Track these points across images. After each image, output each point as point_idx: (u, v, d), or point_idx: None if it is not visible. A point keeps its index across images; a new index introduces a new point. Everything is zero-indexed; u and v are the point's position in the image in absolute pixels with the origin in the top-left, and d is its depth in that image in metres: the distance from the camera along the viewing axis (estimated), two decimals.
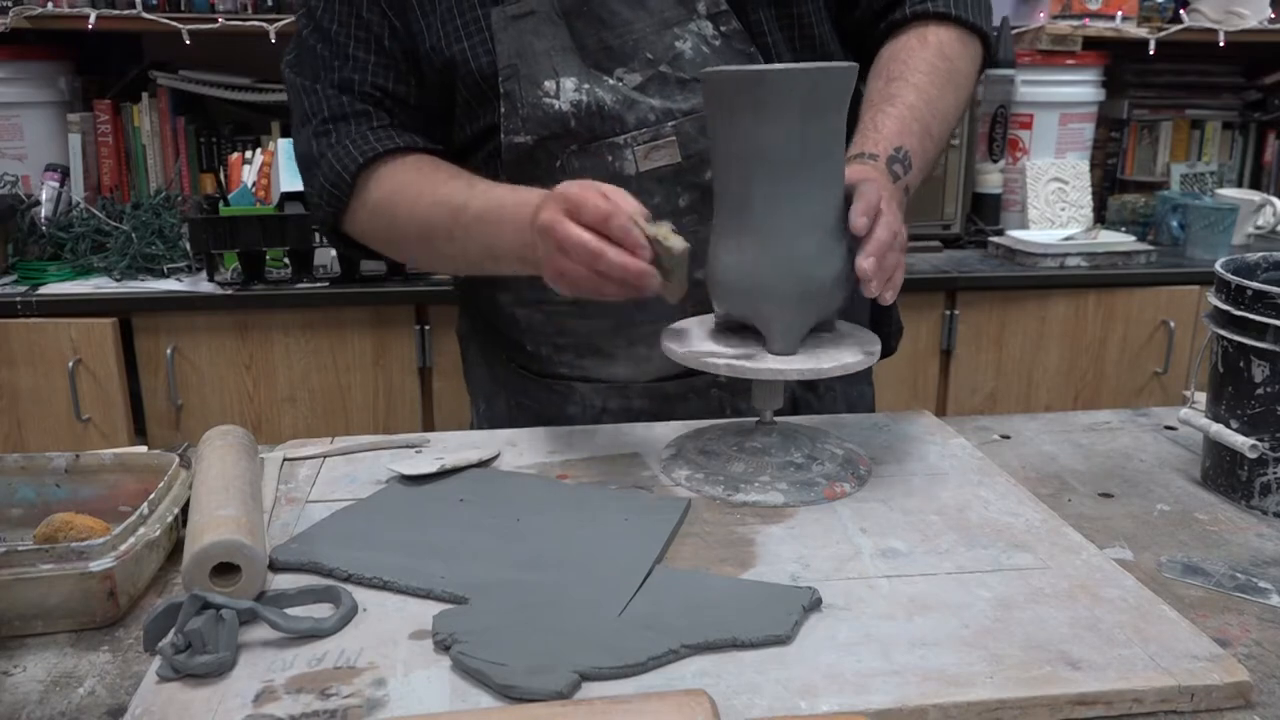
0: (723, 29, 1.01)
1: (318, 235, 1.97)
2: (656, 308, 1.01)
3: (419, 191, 1.01)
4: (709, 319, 0.97)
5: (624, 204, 0.83)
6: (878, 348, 0.90)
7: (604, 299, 0.86)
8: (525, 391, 1.12)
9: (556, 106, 0.99)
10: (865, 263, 0.82)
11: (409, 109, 1.05)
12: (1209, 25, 2.48)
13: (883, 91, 1.00)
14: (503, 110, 1.00)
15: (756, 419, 0.94)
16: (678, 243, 0.83)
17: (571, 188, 0.85)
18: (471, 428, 1.23)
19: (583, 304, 1.03)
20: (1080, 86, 2.53)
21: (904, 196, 0.96)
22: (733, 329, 0.93)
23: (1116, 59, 2.58)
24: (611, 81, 0.99)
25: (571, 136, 0.99)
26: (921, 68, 1.01)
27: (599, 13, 0.98)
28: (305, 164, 1.07)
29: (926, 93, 1.00)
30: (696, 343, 0.91)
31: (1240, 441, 0.86)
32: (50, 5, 2.15)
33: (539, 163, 1.01)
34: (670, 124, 0.99)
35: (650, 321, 1.03)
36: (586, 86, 0.98)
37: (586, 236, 0.82)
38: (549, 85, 0.98)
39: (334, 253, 2.03)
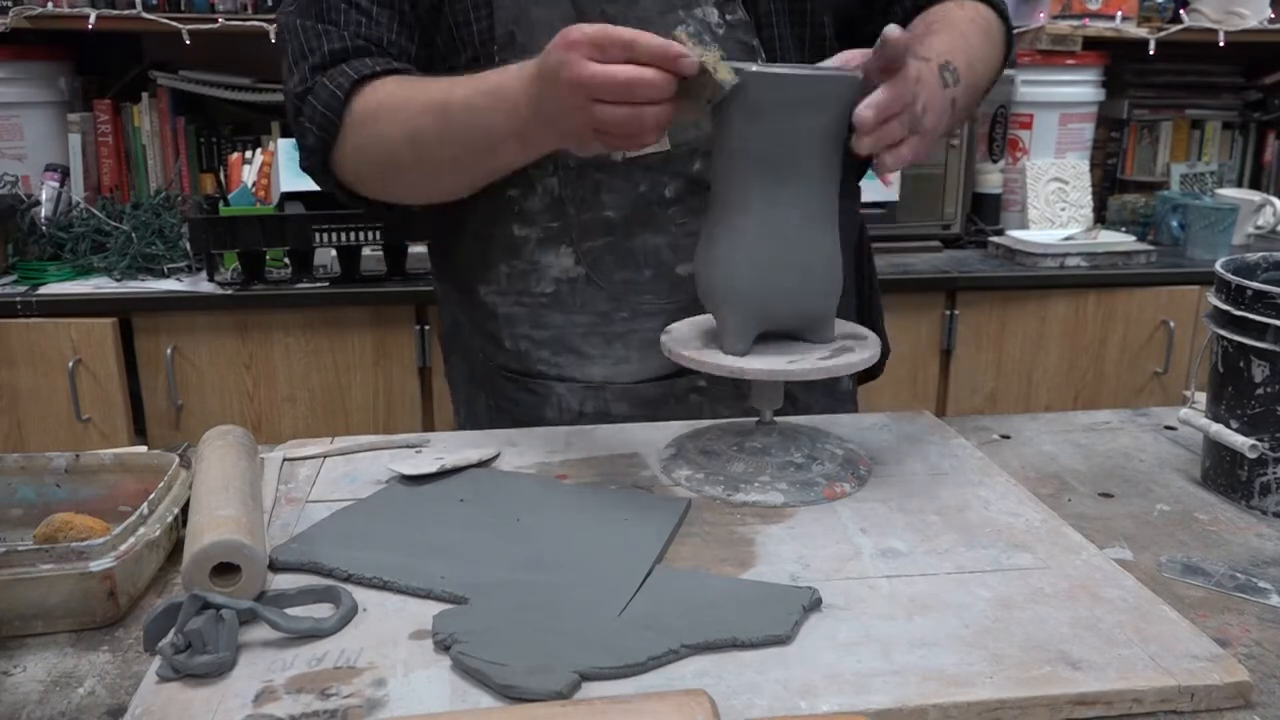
0: (728, 17, 1.00)
1: (317, 235, 1.97)
2: (634, 304, 1.01)
3: (406, 99, 0.96)
4: (699, 320, 0.97)
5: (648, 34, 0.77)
6: (869, 355, 0.89)
7: (645, 147, 0.82)
8: (503, 393, 1.12)
9: None
10: (863, 110, 0.77)
11: (407, 60, 1.02)
12: (1209, 25, 2.48)
13: (924, 30, 0.99)
14: None
15: (756, 419, 0.94)
16: (727, 74, 0.76)
17: (575, 30, 0.78)
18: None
19: (562, 299, 1.03)
20: (1080, 86, 2.53)
21: (951, 108, 0.92)
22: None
23: (1116, 59, 2.58)
24: None
25: None
26: (962, 21, 1.01)
27: None
28: (299, 97, 1.00)
29: (969, 38, 0.99)
30: (691, 344, 0.91)
31: (1240, 441, 0.86)
32: (50, 5, 2.15)
33: None
34: None
35: (627, 320, 1.03)
36: None
37: (618, 67, 0.76)
38: None
39: (334, 252, 2.03)
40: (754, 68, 0.81)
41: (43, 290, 1.99)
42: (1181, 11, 2.51)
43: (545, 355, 1.07)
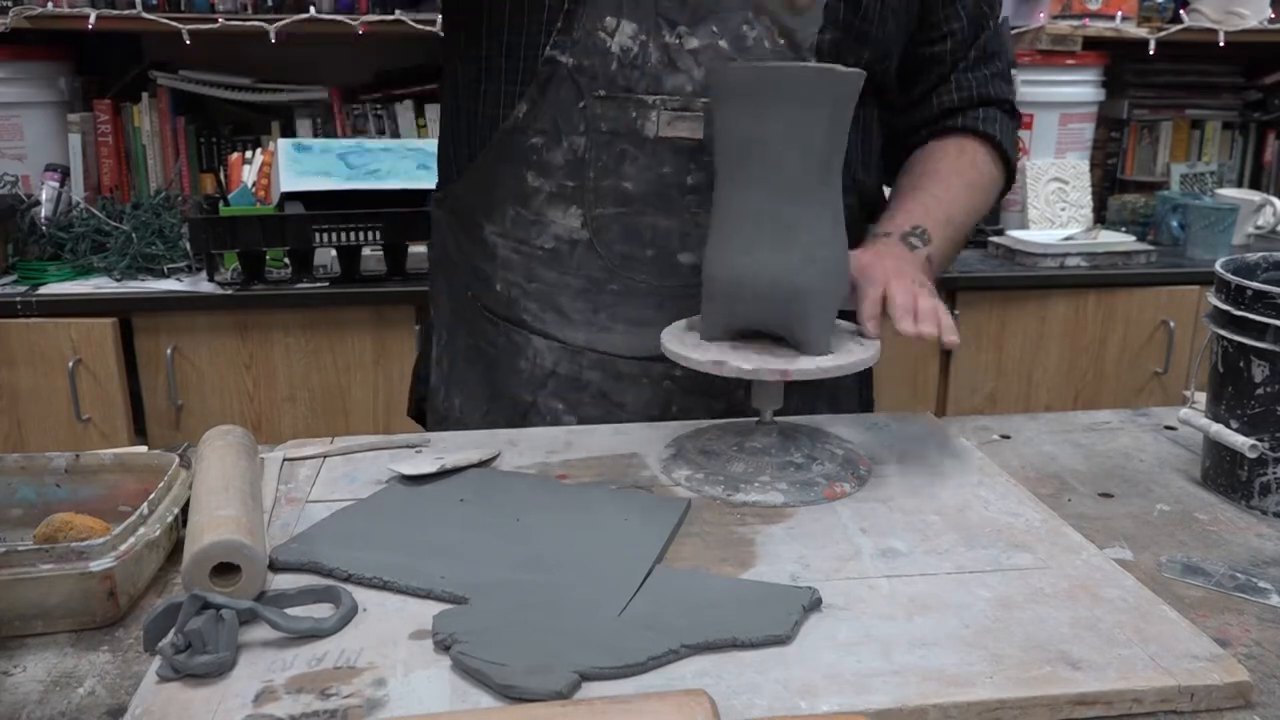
0: (796, 39, 1.00)
1: (317, 235, 1.97)
2: (628, 280, 1.03)
3: None
4: (697, 320, 0.97)
5: None
6: (868, 355, 0.89)
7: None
8: (484, 334, 1.12)
9: (608, 45, 0.98)
10: (904, 325, 0.88)
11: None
12: (1209, 25, 2.49)
13: (910, 184, 1.08)
14: (560, 25, 0.99)
15: (756, 419, 0.94)
16: None
17: None
18: (425, 365, 1.25)
19: (560, 257, 1.04)
20: (1080, 86, 2.53)
21: (927, 265, 1.01)
22: (746, 335, 0.92)
23: (1116, 59, 2.58)
24: (669, 38, 0.98)
25: (606, 80, 0.99)
26: (953, 170, 1.09)
27: None
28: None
29: (952, 188, 1.07)
30: (692, 343, 0.91)
31: (1240, 441, 0.86)
32: (50, 5, 2.15)
33: (564, 94, 1.00)
34: (703, 100, 0.99)
35: (617, 294, 1.04)
36: (643, 38, 0.98)
37: None
38: (610, 22, 0.98)
39: (334, 252, 2.03)
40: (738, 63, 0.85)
41: (43, 290, 1.99)
42: (1181, 11, 2.52)
43: (532, 308, 1.08)
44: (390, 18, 2.23)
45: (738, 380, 0.92)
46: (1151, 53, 2.48)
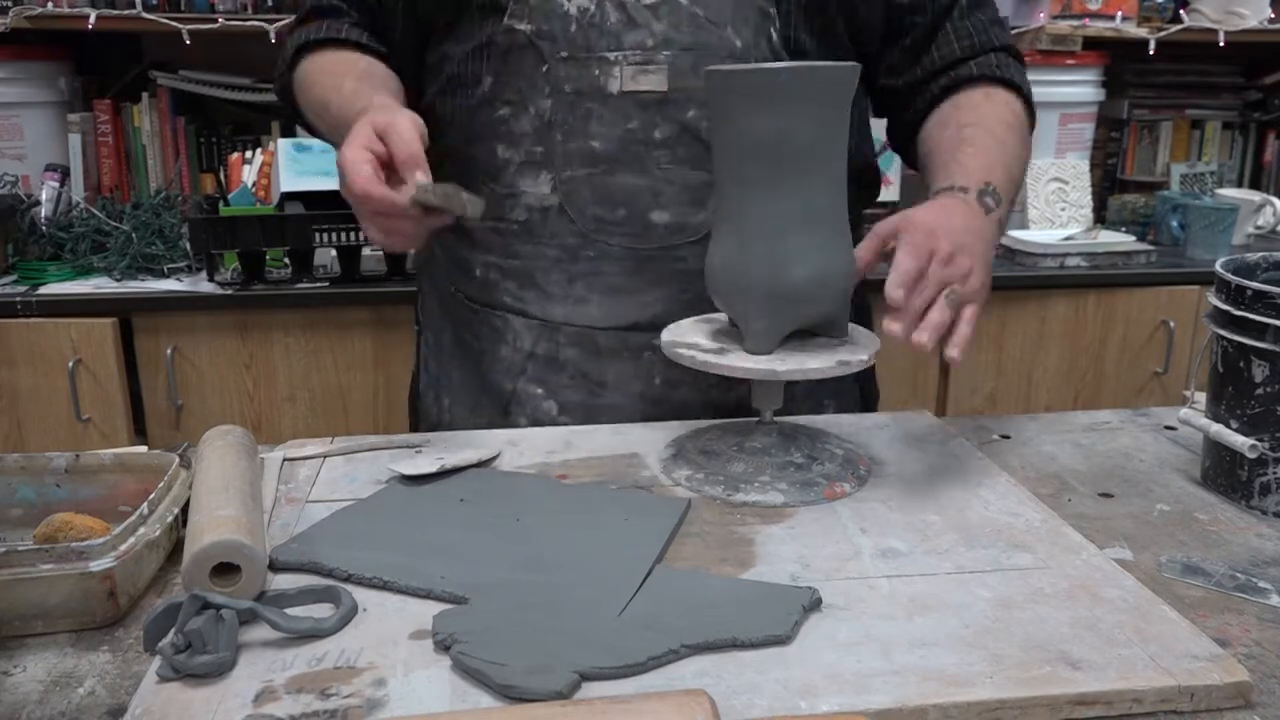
0: None
1: (317, 235, 1.97)
2: (602, 245, 1.03)
3: (317, 80, 1.11)
4: (714, 318, 0.97)
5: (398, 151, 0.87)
6: (866, 356, 0.88)
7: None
8: (468, 325, 1.13)
9: (565, 8, 0.99)
10: (892, 291, 0.80)
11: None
12: (1209, 25, 2.48)
13: (957, 136, 1.01)
14: None
15: (756, 419, 0.94)
16: (459, 207, 0.87)
17: (368, 125, 0.89)
18: (417, 363, 1.25)
19: (533, 228, 1.05)
20: (1080, 86, 2.53)
21: (998, 230, 0.96)
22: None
23: (1116, 59, 2.58)
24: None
25: (567, 41, 1.00)
26: (994, 118, 1.04)
27: None
28: (283, 41, 1.15)
29: (1003, 140, 1.02)
30: (692, 339, 0.91)
31: (1240, 441, 0.86)
32: (50, 5, 2.15)
33: (526, 61, 1.02)
34: (665, 53, 0.99)
35: (592, 260, 1.04)
36: None
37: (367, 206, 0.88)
38: None
39: (334, 252, 2.03)
40: (717, 66, 0.84)
41: (43, 290, 1.98)
42: (1181, 11, 2.51)
43: (511, 288, 1.09)
44: None
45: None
46: (1151, 53, 2.47)
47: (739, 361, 0.86)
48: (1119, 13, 2.45)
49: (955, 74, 1.08)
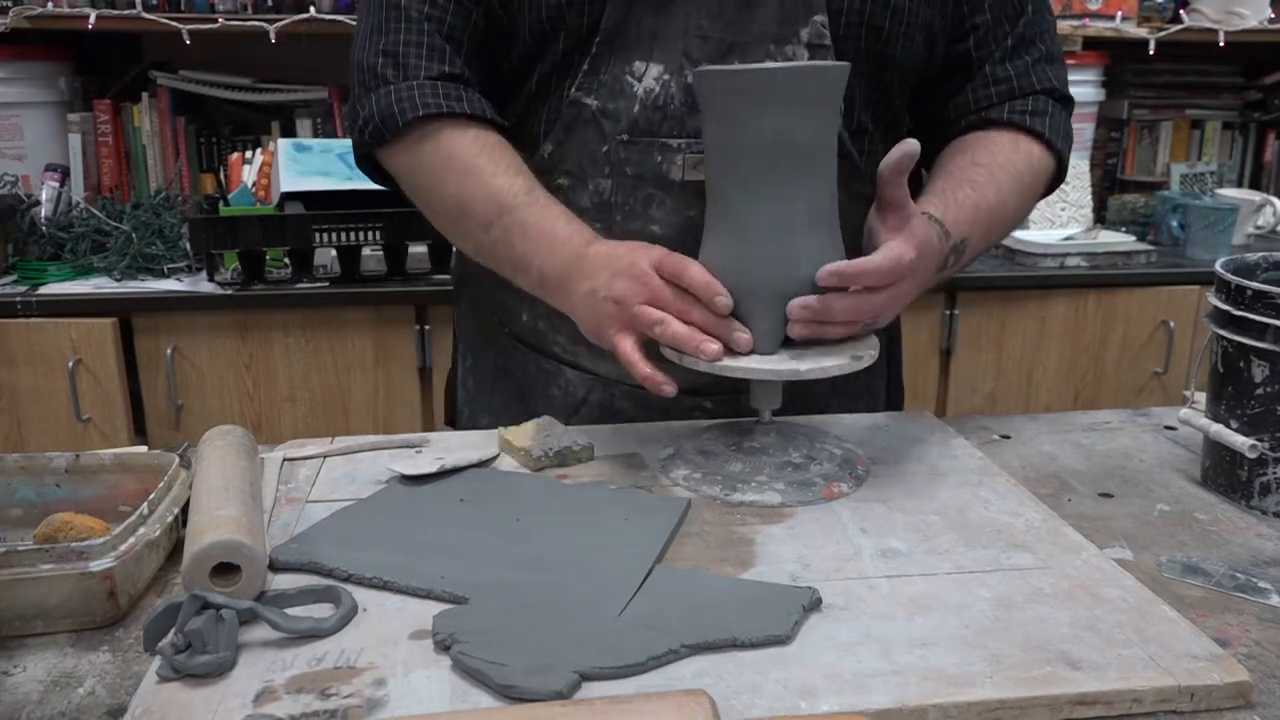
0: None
1: (317, 235, 1.97)
2: None
3: (472, 170, 0.98)
4: None
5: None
6: (872, 353, 0.88)
7: (683, 351, 0.87)
8: (512, 358, 1.11)
9: (634, 88, 0.97)
10: (795, 328, 0.85)
11: (483, 36, 1.02)
12: (1209, 25, 2.48)
13: (968, 172, 1.00)
14: (585, 68, 0.98)
15: (755, 419, 0.94)
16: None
17: (645, 263, 0.87)
18: (455, 379, 1.23)
19: None
20: (1080, 86, 2.53)
21: (945, 266, 0.96)
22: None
23: (1116, 59, 2.58)
24: (691, 78, 0.95)
25: (629, 122, 0.97)
26: (1009, 171, 1.02)
27: (714, 2, 0.95)
28: (361, 79, 1.02)
29: (1005, 198, 1.00)
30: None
31: (1240, 441, 0.86)
32: (50, 5, 2.15)
33: (588, 136, 0.99)
34: None
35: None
36: (667, 79, 0.96)
37: (671, 323, 0.86)
38: (639, 66, 0.96)
39: (334, 252, 2.03)
40: (710, 66, 0.85)
41: (43, 290, 1.98)
42: (1181, 11, 2.52)
43: (562, 341, 1.07)
44: None
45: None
46: (1151, 53, 2.48)
47: (750, 362, 0.85)
48: (1119, 13, 2.45)
49: (984, 116, 1.06)
